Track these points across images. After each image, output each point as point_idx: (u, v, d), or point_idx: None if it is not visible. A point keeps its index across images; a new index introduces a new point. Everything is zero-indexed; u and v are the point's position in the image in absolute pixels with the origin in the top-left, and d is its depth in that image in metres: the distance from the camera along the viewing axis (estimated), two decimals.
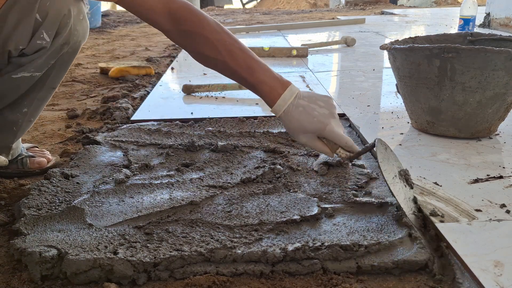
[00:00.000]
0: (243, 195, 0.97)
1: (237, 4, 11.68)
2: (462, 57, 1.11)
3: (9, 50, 0.92)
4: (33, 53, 0.95)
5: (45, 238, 0.81)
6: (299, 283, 0.72)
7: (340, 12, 6.47)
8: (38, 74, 0.99)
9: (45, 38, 0.94)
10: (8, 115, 1.04)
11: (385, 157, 0.90)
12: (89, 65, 2.76)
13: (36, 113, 1.09)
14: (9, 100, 1.02)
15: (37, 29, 0.92)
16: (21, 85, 0.99)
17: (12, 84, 0.98)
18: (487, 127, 1.22)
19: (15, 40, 0.91)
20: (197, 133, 1.36)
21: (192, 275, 0.73)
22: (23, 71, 0.96)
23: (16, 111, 1.04)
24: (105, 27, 4.94)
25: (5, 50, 0.92)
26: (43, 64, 0.98)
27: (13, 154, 1.13)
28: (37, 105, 1.07)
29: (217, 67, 0.96)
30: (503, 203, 0.88)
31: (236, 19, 5.71)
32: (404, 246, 0.77)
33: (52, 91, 1.08)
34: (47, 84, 1.04)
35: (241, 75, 0.93)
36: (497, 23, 3.74)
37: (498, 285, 0.65)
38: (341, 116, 1.50)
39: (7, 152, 1.10)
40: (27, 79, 0.98)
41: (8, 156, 1.11)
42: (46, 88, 1.05)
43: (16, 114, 1.04)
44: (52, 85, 1.06)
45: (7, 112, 1.03)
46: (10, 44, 0.91)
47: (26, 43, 0.93)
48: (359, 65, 2.37)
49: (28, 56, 0.95)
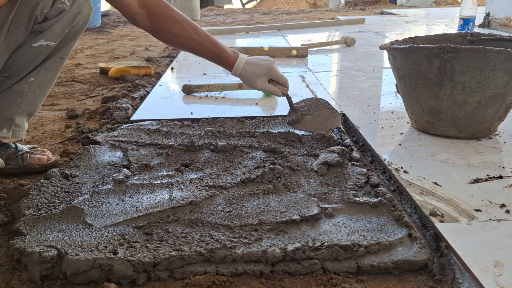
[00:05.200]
0: (243, 195, 0.97)
1: (237, 4, 11.68)
2: (462, 57, 1.11)
3: (36, 16, 1.00)
4: (54, 17, 1.03)
5: (44, 238, 0.81)
6: (299, 283, 0.72)
7: (340, 12, 6.47)
8: (53, 43, 1.06)
9: (66, 1, 1.04)
10: (14, 85, 1.04)
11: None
12: (89, 65, 2.76)
13: (42, 84, 1.08)
14: (26, 71, 1.05)
15: None
16: (37, 55, 1.05)
17: (31, 53, 1.04)
18: (487, 127, 1.22)
19: (42, 4, 1.00)
20: (197, 133, 1.36)
21: (192, 275, 0.73)
22: (41, 39, 1.04)
23: (22, 80, 1.05)
24: (104, 27, 4.94)
25: (32, 16, 1.00)
26: (59, 32, 1.06)
27: (17, 133, 1.08)
28: (44, 73, 1.08)
29: (184, 43, 1.19)
30: (503, 203, 0.88)
31: (236, 19, 5.71)
32: (404, 246, 0.77)
33: (60, 61, 1.11)
34: (55, 53, 1.08)
35: (207, 47, 1.19)
36: (497, 23, 3.74)
37: (498, 285, 0.65)
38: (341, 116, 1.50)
39: (9, 126, 1.06)
40: (44, 48, 1.05)
41: (9, 132, 1.06)
42: (54, 57, 1.08)
43: (22, 84, 1.05)
44: (60, 55, 1.10)
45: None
46: (38, 8, 1.00)
47: (50, 6, 1.02)
48: (359, 65, 2.37)
49: (49, 21, 1.03)
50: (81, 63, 2.79)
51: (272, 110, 1.61)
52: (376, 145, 1.22)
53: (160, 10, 1.14)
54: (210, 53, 1.21)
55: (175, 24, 1.16)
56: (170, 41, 1.21)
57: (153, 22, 1.15)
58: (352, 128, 1.41)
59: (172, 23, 1.16)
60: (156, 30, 1.17)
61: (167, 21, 1.15)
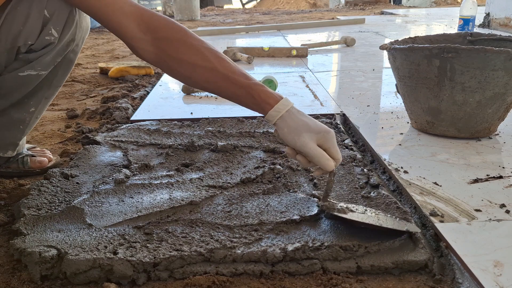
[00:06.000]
0: (243, 195, 0.97)
1: (237, 4, 11.68)
2: (461, 57, 1.11)
3: (18, 46, 0.92)
4: (41, 49, 0.95)
5: (44, 238, 0.81)
6: (299, 283, 0.72)
7: (340, 12, 6.47)
8: (44, 72, 0.99)
9: (53, 34, 0.94)
10: (15, 114, 1.05)
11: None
12: (88, 65, 2.76)
13: (42, 111, 1.10)
14: (14, 98, 1.01)
15: (46, 25, 0.92)
16: (26, 83, 0.99)
17: (18, 81, 0.98)
18: (487, 127, 1.22)
19: (25, 35, 0.91)
20: (197, 133, 1.36)
21: (192, 275, 0.73)
22: (30, 69, 0.96)
23: (23, 110, 1.05)
24: (104, 27, 4.93)
25: (15, 46, 0.92)
26: (49, 62, 0.98)
27: (18, 150, 1.14)
28: (45, 103, 1.08)
29: (202, 75, 0.85)
30: (502, 203, 0.88)
31: (236, 19, 5.71)
32: (404, 246, 0.77)
33: (58, 89, 1.10)
34: (54, 83, 1.06)
35: (234, 79, 0.84)
36: (497, 23, 3.74)
37: (497, 285, 0.65)
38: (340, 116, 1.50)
39: (13, 148, 1.11)
40: (33, 78, 0.99)
41: (14, 151, 1.12)
42: (53, 87, 1.07)
43: (23, 114, 1.05)
44: (58, 84, 1.08)
45: (14, 111, 1.04)
46: (20, 39, 0.91)
47: (35, 38, 0.92)
48: (359, 65, 2.37)
49: (36, 52, 0.95)
50: (81, 63, 2.79)
51: None
52: (376, 145, 1.22)
53: (171, 34, 0.83)
54: (237, 89, 0.84)
55: (191, 50, 0.83)
56: (183, 73, 0.86)
57: (159, 49, 0.84)
58: (352, 128, 1.41)
59: (188, 50, 0.83)
60: (164, 59, 0.85)
61: (181, 48, 0.83)
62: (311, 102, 1.69)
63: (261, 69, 2.38)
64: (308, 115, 0.86)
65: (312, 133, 0.82)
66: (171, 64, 0.85)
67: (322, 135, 0.83)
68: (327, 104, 1.66)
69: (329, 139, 0.83)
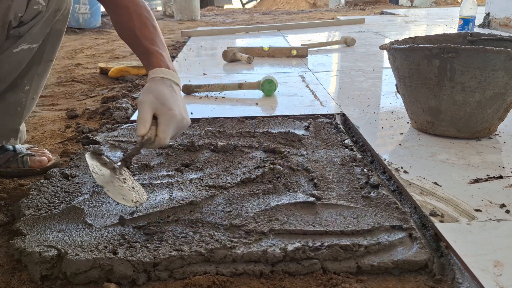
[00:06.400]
0: (243, 195, 0.97)
1: (237, 4, 11.67)
2: (461, 57, 1.11)
3: (9, 21, 0.95)
4: (31, 20, 0.98)
5: (44, 238, 0.81)
6: (299, 283, 0.72)
7: (340, 12, 6.47)
8: (35, 45, 1.02)
9: (41, 2, 0.97)
10: (11, 97, 1.05)
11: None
12: (88, 65, 2.76)
13: (37, 90, 1.10)
14: (11, 79, 1.03)
15: None
16: (21, 59, 1.02)
17: (13, 59, 1.00)
18: (487, 127, 1.22)
19: (14, 8, 0.94)
20: (197, 133, 1.36)
21: (192, 275, 0.73)
22: (22, 43, 0.99)
23: (18, 90, 1.05)
24: (104, 27, 4.93)
25: (6, 21, 0.95)
26: (39, 33, 1.01)
27: (21, 138, 1.14)
28: (38, 80, 1.09)
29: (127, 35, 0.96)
30: (502, 203, 0.88)
31: (236, 19, 5.71)
32: (404, 246, 0.77)
33: (50, 63, 1.10)
34: (44, 57, 1.07)
35: (141, 43, 0.93)
36: (497, 23, 3.74)
37: (497, 285, 0.65)
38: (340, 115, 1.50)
39: (15, 136, 1.12)
40: (26, 52, 1.01)
41: (17, 140, 1.12)
42: (44, 61, 1.07)
43: (19, 94, 1.06)
44: (50, 58, 1.09)
45: (9, 94, 1.05)
46: (10, 13, 0.94)
47: (24, 9, 0.96)
48: (359, 65, 2.37)
49: (26, 24, 0.98)
50: (81, 63, 2.79)
51: (272, 110, 1.61)
52: (376, 145, 1.22)
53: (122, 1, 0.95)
54: (142, 49, 0.94)
55: (124, 12, 0.95)
56: (120, 35, 0.99)
57: (110, 13, 0.99)
58: (352, 128, 1.41)
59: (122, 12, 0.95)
60: (113, 23, 0.99)
61: (118, 10, 0.96)
62: (311, 102, 1.69)
63: (261, 69, 2.38)
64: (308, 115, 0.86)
65: (158, 102, 0.84)
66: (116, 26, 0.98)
67: (164, 110, 0.84)
68: (327, 104, 1.66)
69: (166, 117, 0.84)
